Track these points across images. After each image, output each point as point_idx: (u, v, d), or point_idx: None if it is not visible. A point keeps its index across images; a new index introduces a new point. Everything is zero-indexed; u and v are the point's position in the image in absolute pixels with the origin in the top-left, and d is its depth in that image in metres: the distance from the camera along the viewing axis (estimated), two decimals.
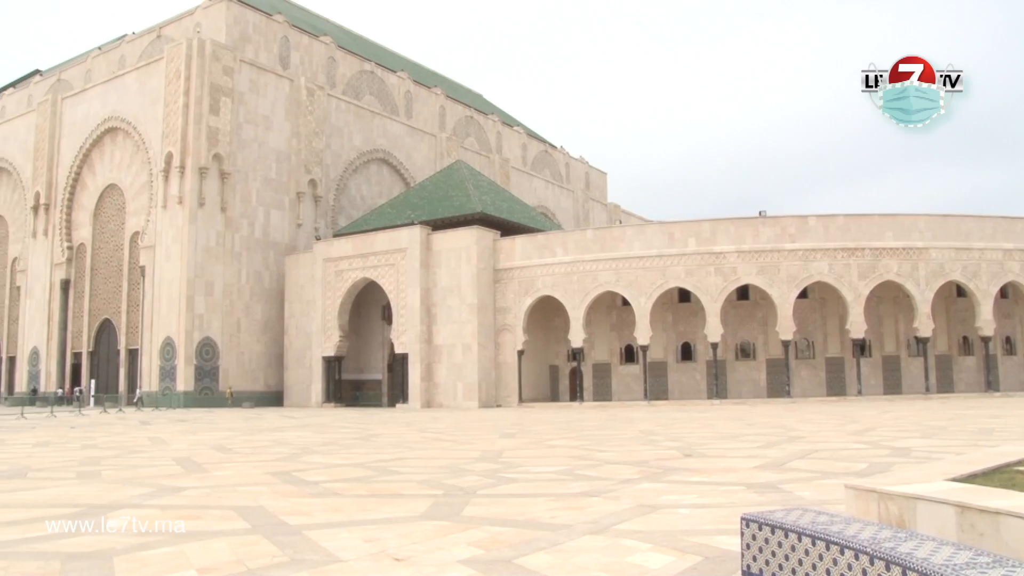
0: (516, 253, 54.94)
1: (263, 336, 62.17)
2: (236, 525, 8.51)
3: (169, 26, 70.32)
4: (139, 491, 11.55)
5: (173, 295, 58.10)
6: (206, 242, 58.80)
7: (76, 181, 68.38)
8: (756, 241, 49.91)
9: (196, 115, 58.76)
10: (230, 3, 65.93)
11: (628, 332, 54.38)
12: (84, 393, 61.80)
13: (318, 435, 24.80)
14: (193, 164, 58.30)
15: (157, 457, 17.49)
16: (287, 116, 65.94)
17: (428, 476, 13.02)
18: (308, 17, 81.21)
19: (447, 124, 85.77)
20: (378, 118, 75.26)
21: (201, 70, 59.32)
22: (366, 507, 9.79)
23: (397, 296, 55.68)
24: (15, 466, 15.94)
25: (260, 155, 63.40)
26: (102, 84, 67.96)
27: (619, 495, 10.43)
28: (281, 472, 13.93)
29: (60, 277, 68.31)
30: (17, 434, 27.12)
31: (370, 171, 74.13)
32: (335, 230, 66.76)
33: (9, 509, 10.06)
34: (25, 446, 21.56)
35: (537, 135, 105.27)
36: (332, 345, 58.29)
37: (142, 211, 62.32)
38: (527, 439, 21.98)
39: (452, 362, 54.10)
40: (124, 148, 64.93)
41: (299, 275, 61.60)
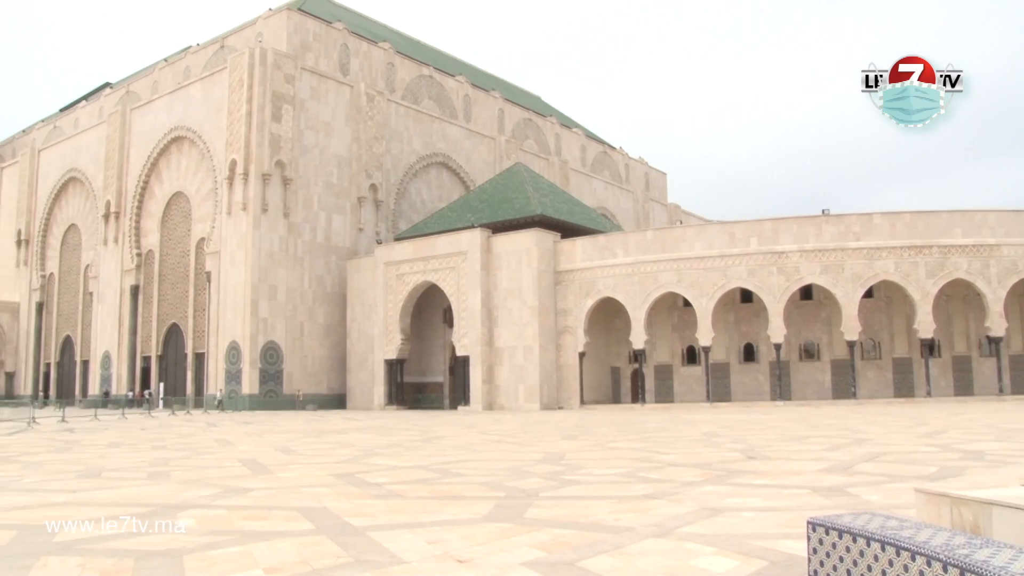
0: (576, 255, 54.81)
1: (326, 339, 62.89)
2: (301, 526, 8.61)
3: (232, 36, 71.60)
4: (207, 491, 11.76)
5: (238, 300, 59.07)
6: (269, 247, 59.69)
7: (144, 189, 69.92)
8: (819, 240, 49.09)
9: (259, 123, 59.68)
10: (291, 12, 66.89)
11: (690, 333, 53.93)
12: (153, 396, 63.11)
13: (381, 437, 24.99)
14: (256, 171, 59.23)
15: (224, 458, 17.78)
16: (347, 122, 66.65)
17: (490, 478, 13.04)
18: (367, 24, 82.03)
19: (506, 127, 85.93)
20: (437, 122, 75.69)
21: (263, 78, 60.24)
22: (429, 509, 9.83)
23: (458, 299, 55.91)
24: (90, 466, 16.35)
25: (321, 161, 64.17)
26: (168, 95, 69.40)
27: (682, 498, 10.34)
28: (345, 474, 14.06)
29: (130, 283, 69.89)
30: (91, 435, 27.80)
31: (430, 175, 74.58)
32: (396, 234, 67.26)
33: (85, 507, 10.32)
34: (99, 447, 22.09)
35: (596, 136, 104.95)
36: (394, 348, 58.74)
37: (207, 217, 63.47)
38: (589, 441, 21.90)
39: (513, 364, 54.15)
40: (190, 156, 66.22)
41: (361, 279, 62.18)
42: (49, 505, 10.70)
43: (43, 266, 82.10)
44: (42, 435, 28.68)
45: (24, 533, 8.46)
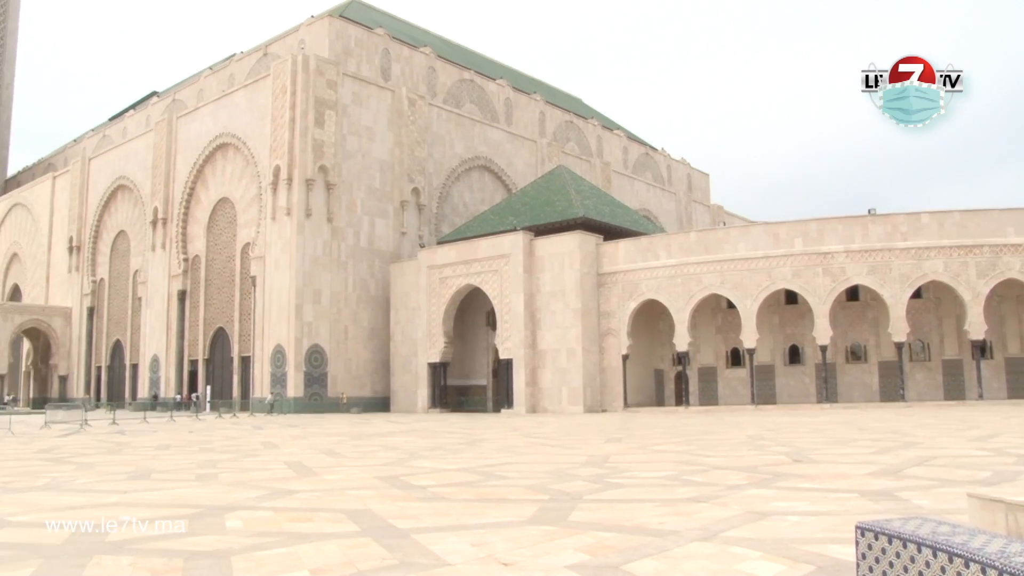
0: (619, 257, 54.63)
1: (370, 343, 63.27)
2: (346, 528, 8.67)
3: (275, 44, 72.38)
4: (254, 493, 11.89)
5: (283, 304, 59.64)
6: (313, 252, 60.20)
7: (191, 196, 70.89)
8: (866, 240, 48.42)
9: (302, 128, 60.24)
10: (332, 19, 67.47)
11: (734, 335, 53.49)
12: (201, 399, 63.91)
13: (425, 440, 25.09)
14: (300, 176, 59.77)
15: (270, 461, 17.96)
16: (389, 126, 67.03)
17: (534, 481, 13.03)
18: (408, 29, 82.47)
19: (547, 129, 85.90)
20: (479, 126, 75.88)
21: (306, 85, 60.80)
22: (473, 511, 9.85)
23: (501, 302, 55.97)
24: (140, 468, 16.61)
25: (364, 165, 64.59)
26: (213, 102, 70.32)
27: (727, 501, 10.25)
28: (389, 476, 14.13)
29: (177, 288, 70.89)
30: (141, 437, 28.24)
31: (472, 178, 74.78)
32: (439, 237, 67.52)
33: (136, 508, 10.48)
34: (148, 449, 22.43)
35: (638, 138, 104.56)
36: (437, 351, 58.93)
37: (252, 223, 64.17)
38: (633, 444, 21.81)
39: (557, 367, 54.09)
40: (235, 163, 67.01)
41: (404, 282, 62.49)
42: (101, 505, 10.89)
43: (94, 272, 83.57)
44: (94, 437, 29.19)
45: (78, 532, 8.64)
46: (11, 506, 11.04)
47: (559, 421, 39.75)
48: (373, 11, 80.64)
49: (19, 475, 15.60)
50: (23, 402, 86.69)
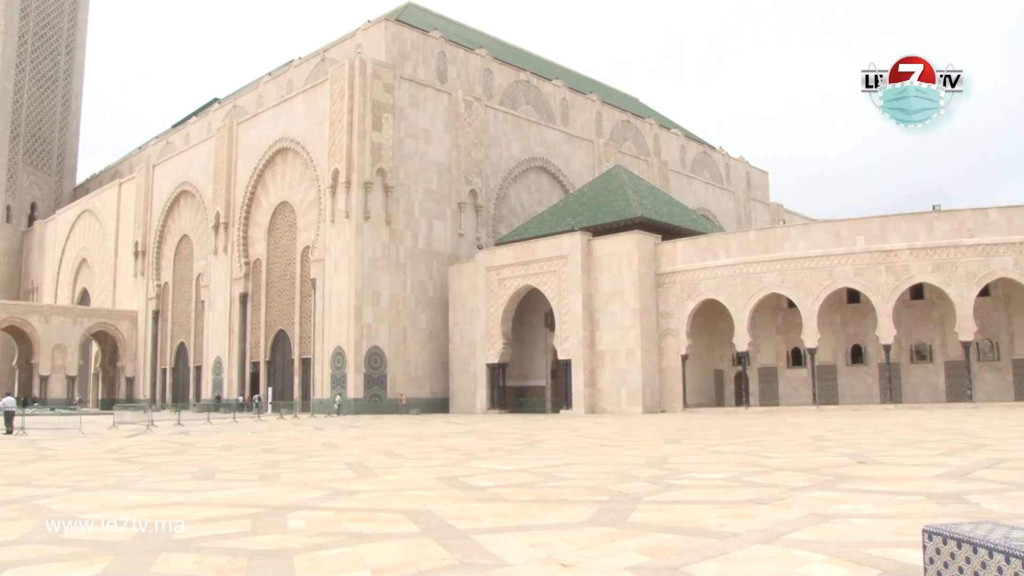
0: (678, 257, 54.24)
1: (428, 344, 63.63)
2: (406, 528, 8.73)
3: (332, 49, 73.20)
4: (315, 494, 12.03)
5: (342, 306, 60.23)
6: (372, 254, 60.72)
7: (251, 200, 71.97)
8: (931, 237, 47.36)
9: (360, 132, 60.79)
10: (389, 23, 68.01)
11: (795, 335, 52.76)
12: (262, 400, 64.83)
13: (484, 441, 25.15)
14: (358, 179, 60.34)
15: (331, 461, 18.16)
16: (446, 129, 67.35)
17: (593, 482, 13.00)
18: (463, 31, 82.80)
19: (604, 129, 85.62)
20: (535, 126, 75.89)
21: (363, 89, 61.35)
22: (532, 512, 9.85)
23: (559, 303, 55.91)
24: (205, 468, 16.92)
25: (421, 168, 64.99)
26: (272, 108, 71.31)
27: (790, 503, 10.12)
28: (448, 477, 14.19)
29: (239, 291, 72.01)
30: (205, 438, 28.75)
31: (529, 179, 74.80)
32: (496, 239, 67.67)
33: (201, 507, 10.68)
34: (212, 449, 22.83)
35: (695, 136, 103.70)
36: (496, 352, 59.06)
37: (312, 226, 64.92)
38: (693, 445, 21.64)
39: (615, 367, 53.87)
40: (294, 167, 67.88)
41: (462, 284, 62.74)
42: (168, 504, 11.11)
43: (158, 276, 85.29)
44: (160, 437, 29.79)
45: (146, 530, 8.83)
46: (83, 504, 11.33)
47: (618, 422, 39.59)
48: (429, 14, 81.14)
49: (90, 474, 15.99)
50: (92, 403, 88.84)
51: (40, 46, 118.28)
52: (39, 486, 13.95)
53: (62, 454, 21.86)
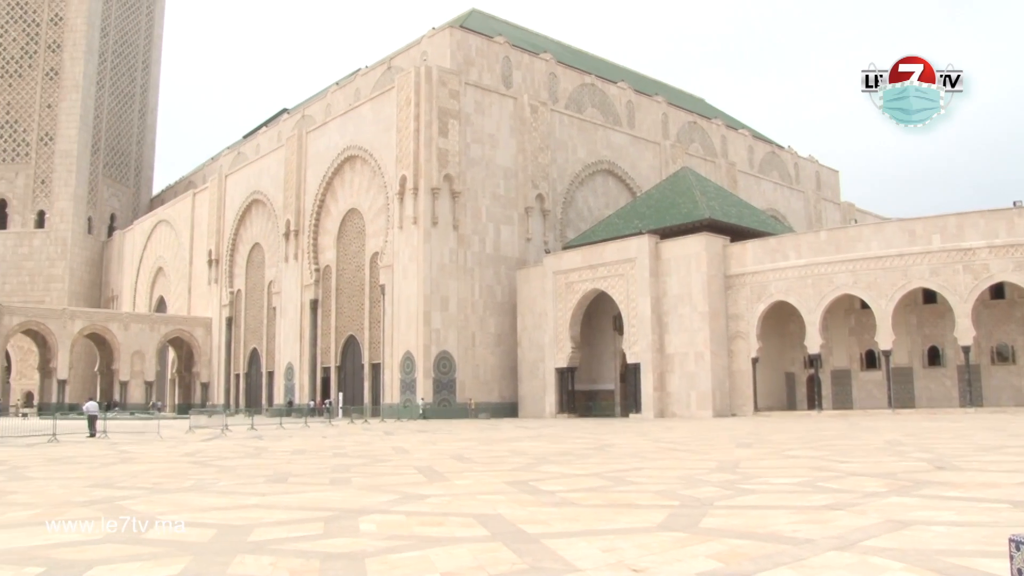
0: (747, 258, 53.57)
1: (497, 348, 63.81)
2: (476, 532, 8.76)
3: (398, 57, 73.94)
4: (386, 497, 12.14)
5: (411, 311, 60.72)
6: (440, 259, 61.12)
7: (321, 208, 73.01)
8: (1011, 234, 45.93)
9: (426, 138, 61.27)
10: (453, 30, 68.48)
11: (868, 336, 51.68)
12: (333, 405, 65.63)
13: (553, 445, 25.12)
14: (425, 185, 60.80)
15: (401, 466, 18.30)
16: (512, 133, 67.52)
17: (664, 486, 12.90)
18: (528, 36, 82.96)
19: (670, 131, 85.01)
20: (601, 130, 75.67)
21: (429, 95, 61.83)
22: (602, 517, 9.81)
23: (627, 306, 55.64)
24: (278, 471, 17.19)
25: (488, 173, 65.25)
26: (340, 116, 72.26)
27: (865, 509, 9.91)
28: (518, 481, 14.20)
29: (309, 297, 73.07)
30: (278, 442, 29.21)
31: (595, 183, 74.60)
32: (564, 243, 67.61)
33: (274, 510, 10.86)
34: (285, 453, 23.18)
35: (763, 136, 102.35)
36: (564, 356, 58.99)
37: (380, 232, 65.60)
38: (764, 449, 21.34)
39: (685, 371, 53.40)
40: (362, 174, 68.68)
41: (530, 288, 62.80)
42: (242, 507, 11.32)
43: (231, 283, 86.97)
44: (234, 441, 30.36)
45: (222, 532, 9.02)
46: (162, 506, 11.61)
47: (688, 426, 39.23)
48: (493, 20, 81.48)
49: (168, 477, 16.37)
50: (169, 407, 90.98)
51: (118, 63, 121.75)
52: (121, 488, 14.34)
53: (141, 457, 22.41)
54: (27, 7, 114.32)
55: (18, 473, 17.81)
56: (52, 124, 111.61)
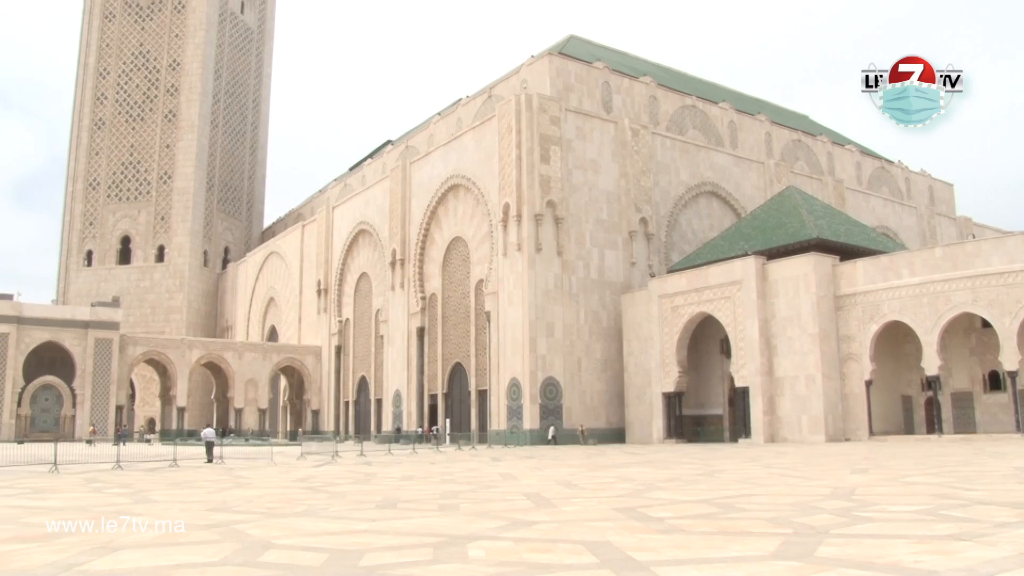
0: (858, 278, 52.08)
1: (603, 374, 63.48)
2: (585, 559, 8.69)
3: (498, 85, 74.75)
4: (494, 524, 12.16)
5: (517, 338, 60.94)
6: (545, 285, 61.25)
7: (425, 236, 74.11)
8: None
9: (528, 165, 61.67)
10: (552, 57, 68.90)
11: (991, 356, 49.51)
12: (441, 431, 66.19)
13: (661, 471, 24.82)
14: (528, 212, 61.13)
15: (508, 492, 18.32)
16: (614, 158, 67.42)
17: (776, 513, 12.58)
18: (627, 60, 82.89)
19: (774, 150, 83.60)
20: (703, 151, 74.92)
21: (530, 123, 62.28)
22: (713, 544, 9.63)
23: (735, 329, 54.72)
24: (387, 497, 17.41)
25: (591, 198, 65.23)
26: (443, 146, 73.35)
27: (996, 540, 9.46)
28: (626, 508, 14.06)
29: (416, 325, 74.08)
30: (387, 468, 29.61)
31: (699, 205, 73.81)
32: (668, 266, 67.02)
33: (384, 536, 11.00)
34: (393, 479, 23.47)
35: (871, 151, 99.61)
36: (671, 381, 58.30)
37: (484, 260, 66.18)
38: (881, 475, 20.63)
39: (795, 394, 52.13)
40: (465, 202, 69.49)
41: (635, 313, 62.37)
42: (354, 532, 11.50)
43: (340, 312, 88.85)
44: (344, 467, 30.89)
45: (334, 557, 9.18)
46: (275, 530, 11.89)
47: (799, 451, 38.24)
48: (591, 45, 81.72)
49: (281, 502, 16.75)
50: (281, 434, 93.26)
51: (230, 103, 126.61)
52: (236, 512, 14.74)
53: (256, 482, 22.99)
54: (148, 55, 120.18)
55: (143, 496, 18.51)
56: (170, 163, 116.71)
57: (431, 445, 58.35)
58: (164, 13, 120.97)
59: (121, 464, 31.21)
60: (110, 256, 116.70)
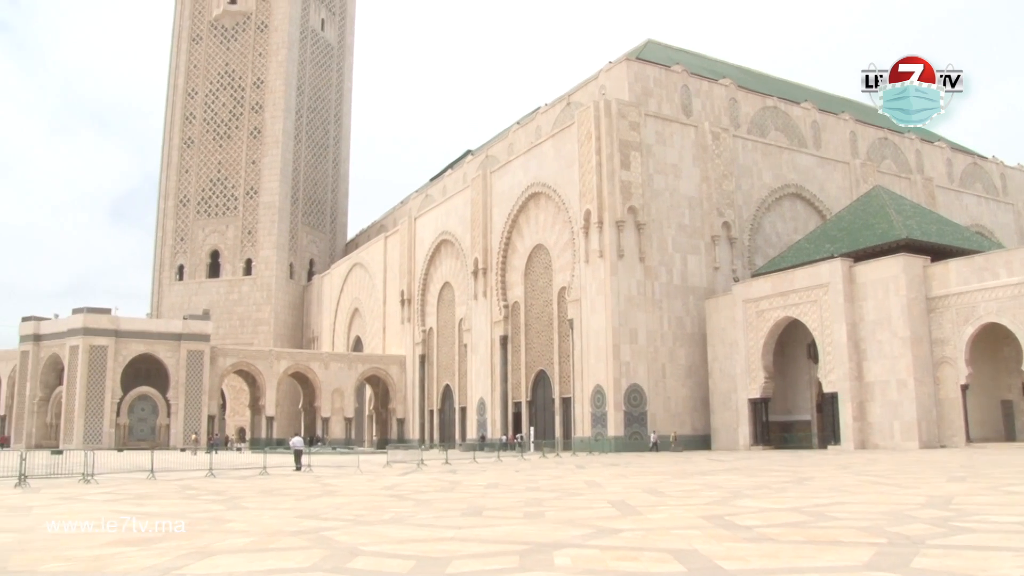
0: (951, 279, 50.55)
1: (687, 380, 62.83)
2: (672, 568, 8.60)
3: (577, 92, 74.67)
4: (579, 531, 12.12)
5: (600, 345, 60.71)
6: (627, 292, 60.93)
7: (507, 245, 74.40)
8: None
9: (608, 172, 61.46)
10: (630, 62, 68.57)
11: None
12: (525, 439, 66.26)
13: (748, 478, 24.44)
14: (610, 219, 60.90)
15: (594, 499, 18.24)
16: (695, 162, 66.78)
17: (869, 523, 12.27)
18: (705, 63, 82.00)
19: (859, 149, 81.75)
20: (786, 152, 73.66)
21: (609, 129, 62.09)
22: (803, 554, 9.43)
23: (822, 333, 53.63)
24: (472, 505, 17.50)
25: (672, 203, 64.72)
26: (522, 155, 73.56)
27: None
28: (713, 516, 13.88)
29: (499, 334, 74.37)
30: (471, 476, 29.76)
31: (783, 207, 72.58)
32: (752, 270, 66.05)
33: (470, 543, 11.05)
34: (479, 487, 23.57)
35: (963, 147, 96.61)
36: (757, 387, 57.40)
37: (566, 267, 66.12)
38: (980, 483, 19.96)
39: (886, 400, 50.80)
40: (546, 210, 69.57)
41: (719, 318, 61.62)
42: (440, 539, 11.58)
43: (423, 322, 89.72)
44: (429, 475, 31.15)
45: (420, 564, 9.27)
46: (363, 537, 12.06)
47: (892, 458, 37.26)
48: (669, 49, 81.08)
49: (369, 509, 16.97)
50: (367, 443, 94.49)
51: (313, 118, 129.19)
52: (325, 519, 15.00)
53: (343, 490, 23.34)
54: (234, 74, 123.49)
55: (235, 503, 18.97)
56: (256, 179, 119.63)
57: (515, 453, 58.47)
58: (248, 33, 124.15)
59: (214, 472, 32.01)
60: (200, 270, 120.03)
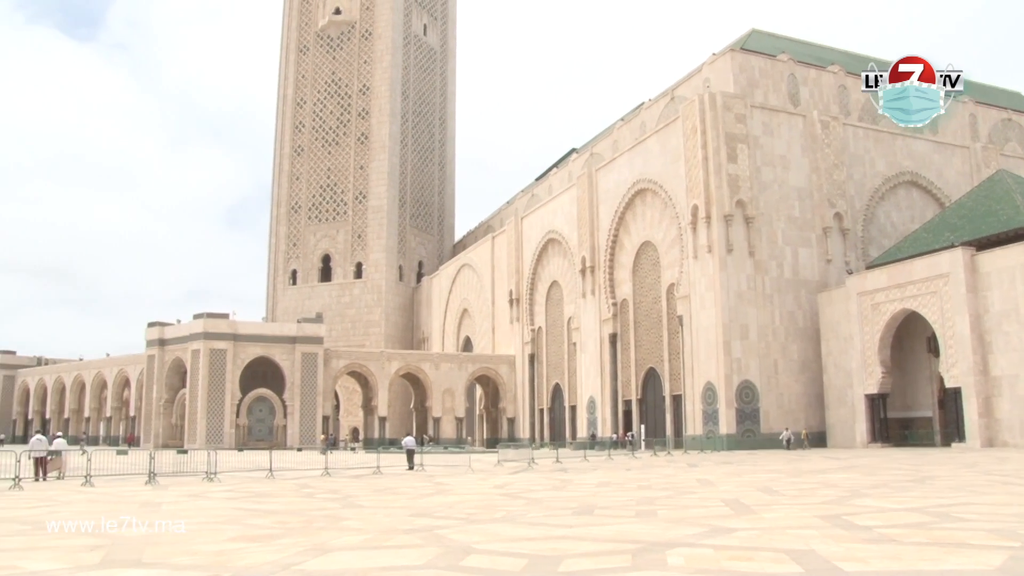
0: None
1: (801, 376, 61.42)
2: (789, 569, 8.42)
3: (680, 87, 73.83)
4: (692, 530, 11.99)
5: (710, 341, 59.88)
6: (737, 287, 59.94)
7: (614, 242, 74.06)
8: None
9: (715, 166, 60.55)
10: (734, 53, 67.41)
11: None
12: (636, 437, 65.83)
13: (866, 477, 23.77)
14: (717, 213, 60.01)
15: (706, 498, 18.01)
16: (803, 152, 65.20)
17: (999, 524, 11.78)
18: (812, 50, 79.82)
19: (980, 132, 78.46)
20: (900, 139, 71.17)
21: (715, 122, 61.15)
22: (927, 556, 9.11)
23: (942, 326, 51.68)
24: (583, 504, 17.50)
25: (781, 195, 63.35)
26: (628, 151, 73.09)
27: None
28: (830, 515, 13.54)
29: (608, 332, 74.09)
30: (582, 475, 29.73)
31: (898, 196, 70.21)
32: (867, 262, 64.08)
33: (582, 542, 11.05)
34: (589, 486, 23.54)
35: None
36: (874, 382, 55.70)
37: (675, 263, 65.42)
38: None
39: (1016, 395, 48.60)
40: (653, 206, 68.98)
41: (833, 312, 60.04)
42: (551, 538, 11.61)
43: (532, 321, 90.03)
44: (540, 474, 31.24)
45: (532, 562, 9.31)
46: (476, 535, 12.18)
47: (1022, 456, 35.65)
48: (773, 38, 79.24)
49: (481, 508, 17.13)
50: (478, 442, 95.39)
51: (418, 122, 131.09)
52: (438, 517, 15.21)
53: (455, 489, 23.60)
54: (340, 82, 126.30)
55: (350, 501, 19.41)
56: (364, 183, 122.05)
57: (626, 451, 58.15)
58: (353, 42, 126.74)
59: (329, 471, 32.79)
60: (312, 274, 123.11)
